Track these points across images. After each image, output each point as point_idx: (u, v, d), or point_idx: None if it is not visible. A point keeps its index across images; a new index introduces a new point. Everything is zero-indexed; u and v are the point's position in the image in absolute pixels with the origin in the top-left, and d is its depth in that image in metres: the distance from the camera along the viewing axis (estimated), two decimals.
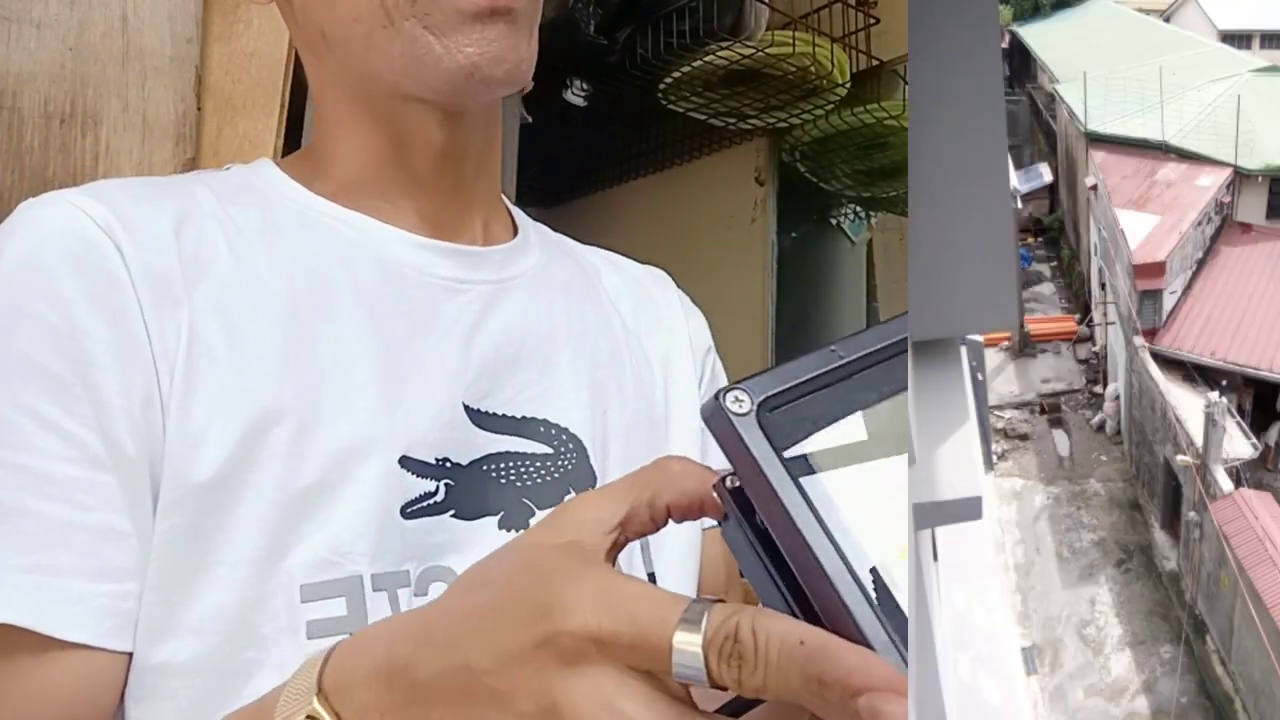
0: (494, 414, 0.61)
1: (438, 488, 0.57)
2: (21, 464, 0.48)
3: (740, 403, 0.33)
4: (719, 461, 0.79)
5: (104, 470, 0.50)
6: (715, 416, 0.33)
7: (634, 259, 0.82)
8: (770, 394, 0.33)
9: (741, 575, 0.40)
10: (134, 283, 0.52)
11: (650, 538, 0.67)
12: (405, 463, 0.56)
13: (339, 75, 0.62)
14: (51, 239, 0.52)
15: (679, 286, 0.82)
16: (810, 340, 2.80)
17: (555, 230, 0.78)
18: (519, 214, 0.74)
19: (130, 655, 0.50)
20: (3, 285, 0.51)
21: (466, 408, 0.60)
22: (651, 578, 0.66)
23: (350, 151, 0.63)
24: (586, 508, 0.38)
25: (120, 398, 0.51)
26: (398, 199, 0.63)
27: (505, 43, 0.57)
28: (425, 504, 0.57)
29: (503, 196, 0.73)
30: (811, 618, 0.31)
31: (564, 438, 0.64)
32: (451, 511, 0.58)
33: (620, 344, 0.71)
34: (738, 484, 0.35)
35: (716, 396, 0.33)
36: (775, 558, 0.33)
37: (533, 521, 0.60)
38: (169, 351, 0.52)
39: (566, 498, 0.61)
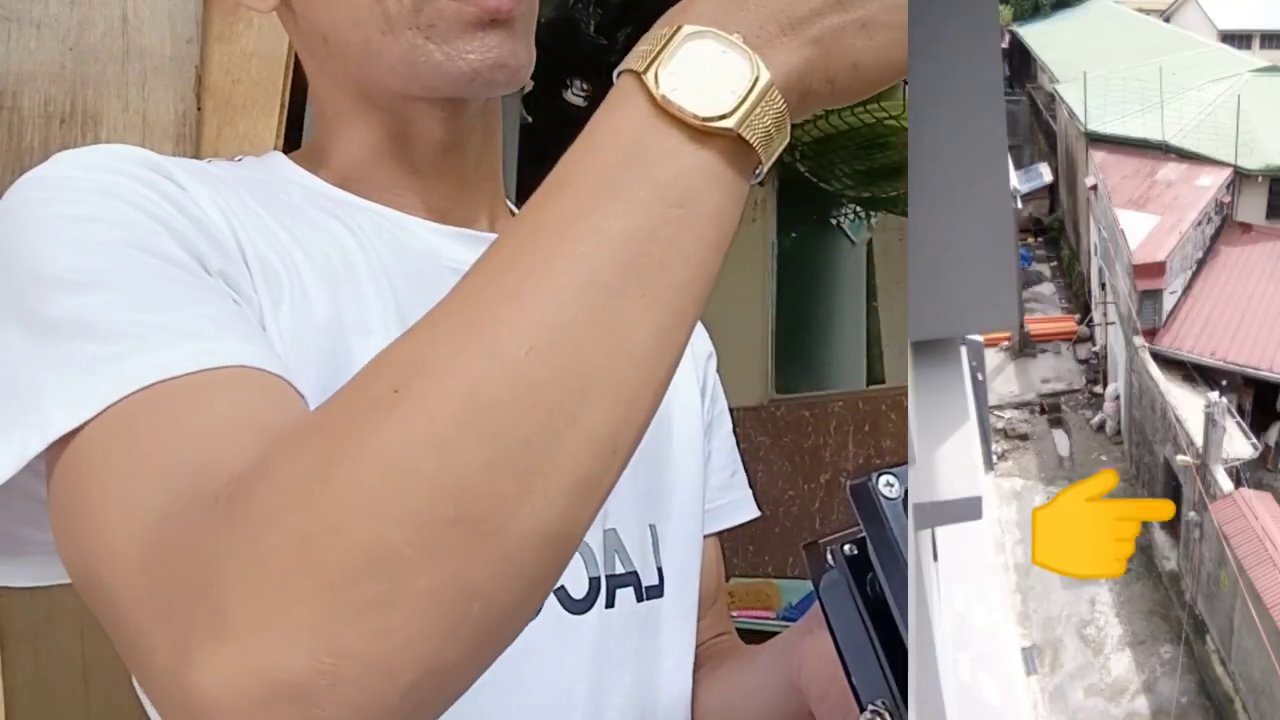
0: None
1: None
2: (199, 296, 0.46)
3: (891, 487, 0.37)
4: (721, 466, 0.78)
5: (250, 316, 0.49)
6: (865, 495, 0.37)
7: None
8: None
9: (830, 629, 0.43)
10: (199, 205, 0.51)
11: (660, 536, 0.67)
12: None
13: (339, 77, 0.63)
14: (114, 151, 0.51)
15: None
16: (810, 340, 2.80)
17: None
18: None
19: None
20: (87, 175, 0.49)
21: None
22: (660, 573, 0.67)
23: (353, 148, 0.64)
24: None
25: (240, 271, 0.50)
26: (404, 192, 0.64)
27: (505, 48, 0.58)
28: None
29: (506, 201, 0.73)
30: (900, 680, 0.36)
31: None
32: None
33: None
34: (855, 552, 0.39)
35: (869, 476, 0.37)
36: (877, 623, 0.38)
37: None
38: (247, 263, 0.51)
39: None
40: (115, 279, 0.45)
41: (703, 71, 0.38)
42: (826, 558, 0.43)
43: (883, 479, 0.37)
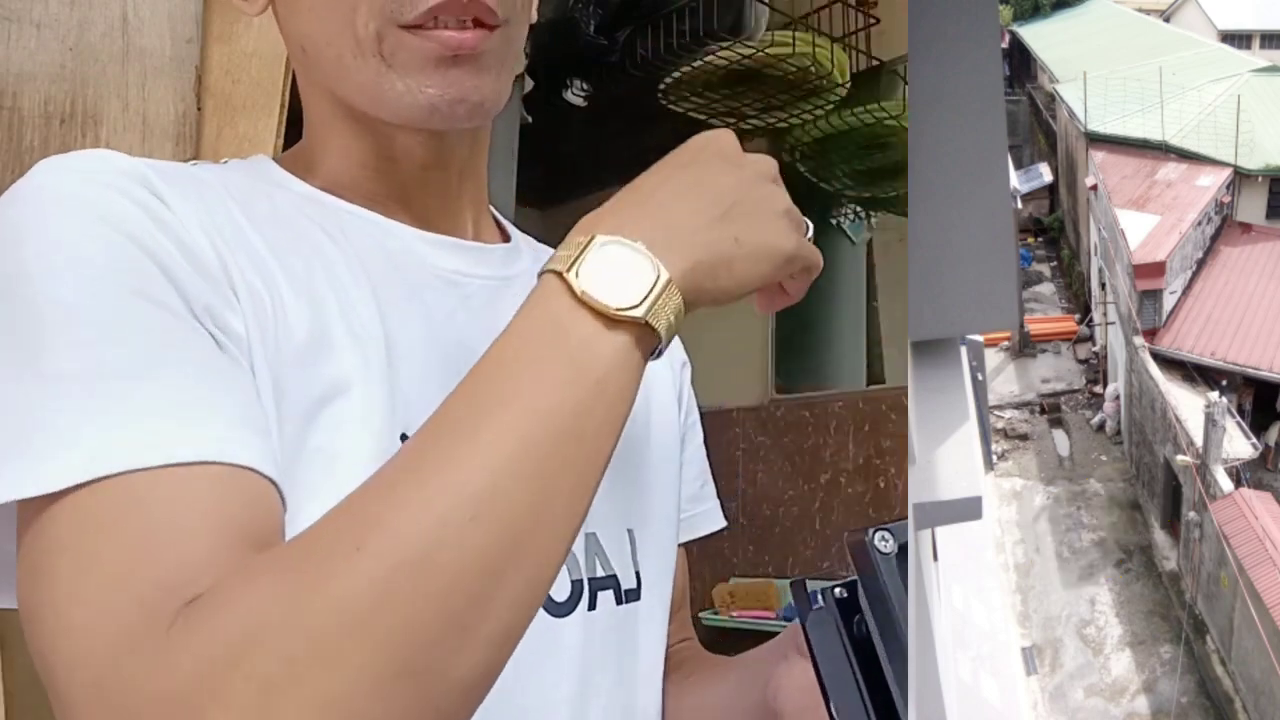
0: None
1: None
2: (188, 356, 0.47)
3: (886, 542, 0.40)
4: (693, 477, 0.80)
5: (237, 363, 0.50)
6: (861, 550, 0.39)
7: None
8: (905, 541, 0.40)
9: (814, 661, 0.47)
10: (188, 230, 0.51)
11: (638, 540, 0.68)
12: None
13: (321, 87, 0.63)
14: (100, 170, 0.51)
15: None
16: (810, 340, 2.80)
17: (556, 229, 0.79)
18: (506, 222, 0.75)
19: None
20: (86, 194, 0.49)
21: None
22: (638, 576, 0.67)
23: (338, 156, 0.64)
24: None
25: (228, 300, 0.50)
26: (388, 200, 0.64)
27: (467, 84, 0.58)
28: None
29: (491, 209, 0.73)
30: (879, 713, 0.39)
31: None
32: None
33: None
34: (844, 595, 0.43)
35: (866, 531, 0.39)
36: (861, 660, 0.41)
37: None
38: (234, 289, 0.51)
39: None
40: (112, 333, 0.46)
41: (615, 272, 0.46)
42: (813, 596, 0.46)
43: (878, 535, 0.40)
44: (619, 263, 0.47)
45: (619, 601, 0.65)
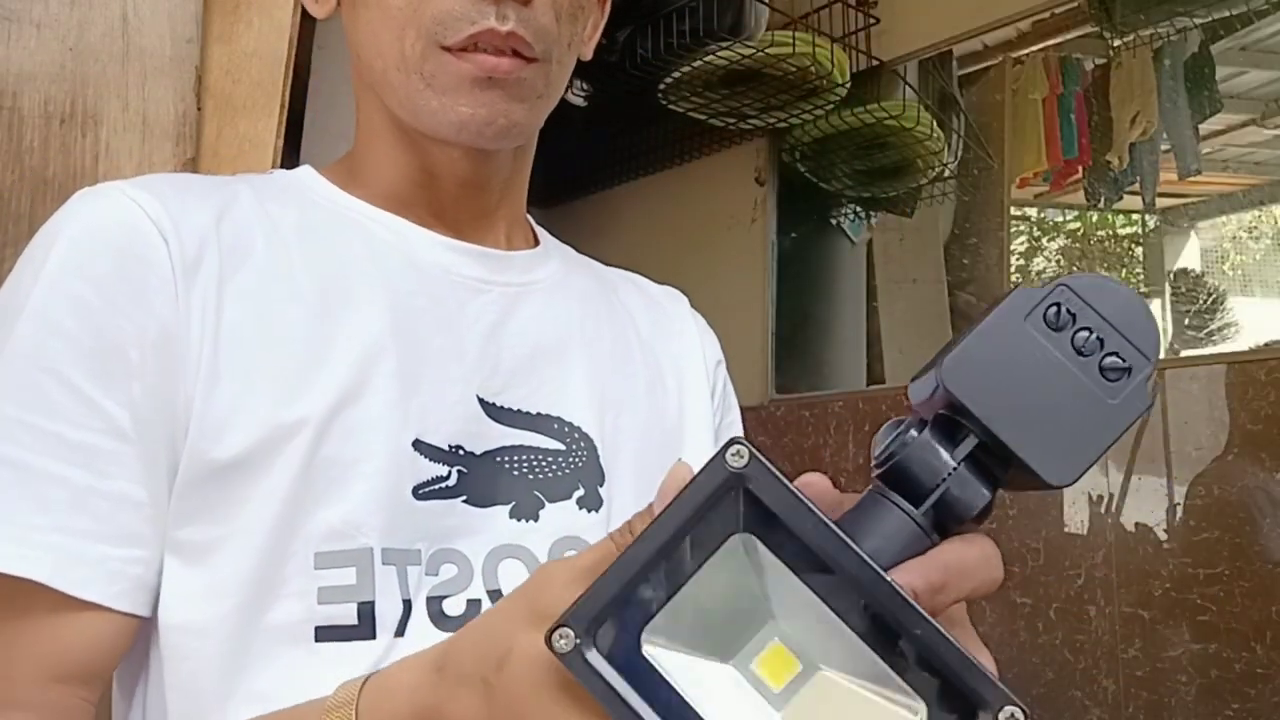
0: (509, 408, 0.64)
1: (450, 473, 0.60)
2: (49, 429, 0.52)
3: (565, 639, 0.35)
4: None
5: (126, 442, 0.54)
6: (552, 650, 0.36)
7: (634, 259, 0.84)
8: (592, 617, 0.35)
9: None
10: (174, 272, 0.56)
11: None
12: (418, 446, 0.59)
13: (372, 94, 0.67)
14: (103, 227, 0.56)
15: (679, 286, 0.84)
16: (810, 340, 2.80)
17: (556, 229, 0.80)
18: (542, 231, 0.78)
19: (139, 619, 0.55)
20: (53, 267, 0.55)
21: (481, 401, 0.63)
22: None
23: (383, 165, 0.68)
24: (568, 592, 0.39)
25: (147, 378, 0.55)
26: (423, 211, 0.67)
27: (498, 107, 0.61)
28: (437, 487, 0.60)
29: (528, 217, 0.76)
30: None
31: (576, 435, 0.66)
32: (464, 497, 0.60)
33: (634, 352, 0.74)
34: None
35: (549, 634, 0.35)
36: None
37: (542, 514, 0.63)
38: (200, 339, 0.56)
39: (576, 494, 0.65)
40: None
41: None
42: None
43: (555, 634, 0.35)
44: None
45: None
